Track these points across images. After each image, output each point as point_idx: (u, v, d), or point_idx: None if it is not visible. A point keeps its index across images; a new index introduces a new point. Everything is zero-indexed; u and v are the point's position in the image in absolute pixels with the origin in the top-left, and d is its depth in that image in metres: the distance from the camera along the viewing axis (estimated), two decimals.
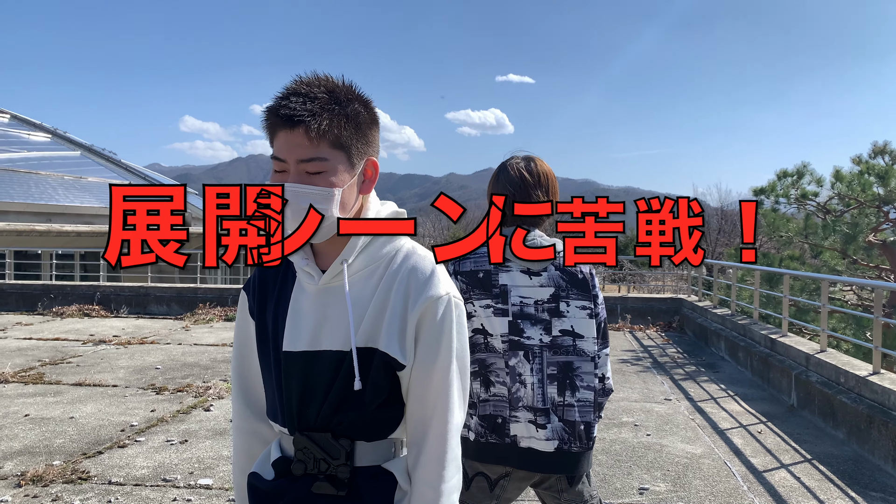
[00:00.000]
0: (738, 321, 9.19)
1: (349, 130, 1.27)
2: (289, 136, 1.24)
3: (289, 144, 1.25)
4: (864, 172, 12.92)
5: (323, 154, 1.25)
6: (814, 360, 6.45)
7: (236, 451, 1.52)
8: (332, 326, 1.32)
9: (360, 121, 1.29)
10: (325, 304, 1.33)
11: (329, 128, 1.24)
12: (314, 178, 1.25)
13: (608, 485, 4.40)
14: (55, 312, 13.28)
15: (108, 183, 20.76)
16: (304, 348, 1.33)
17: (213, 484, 4.35)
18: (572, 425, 2.05)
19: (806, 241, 13.32)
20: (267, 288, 1.43)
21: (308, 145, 1.24)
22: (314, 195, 1.25)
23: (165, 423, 5.71)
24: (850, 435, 5.39)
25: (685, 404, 6.59)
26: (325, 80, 1.28)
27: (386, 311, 1.31)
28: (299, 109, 1.22)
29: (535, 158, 2.22)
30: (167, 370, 7.90)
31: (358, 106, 1.29)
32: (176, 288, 14.17)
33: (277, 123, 1.25)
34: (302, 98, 1.24)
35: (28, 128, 32.77)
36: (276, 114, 1.25)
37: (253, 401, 1.49)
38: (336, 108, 1.25)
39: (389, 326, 1.30)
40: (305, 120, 1.22)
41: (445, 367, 1.32)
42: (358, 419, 1.31)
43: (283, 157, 1.26)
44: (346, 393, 1.30)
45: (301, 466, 1.32)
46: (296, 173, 1.25)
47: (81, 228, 21.75)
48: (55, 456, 4.84)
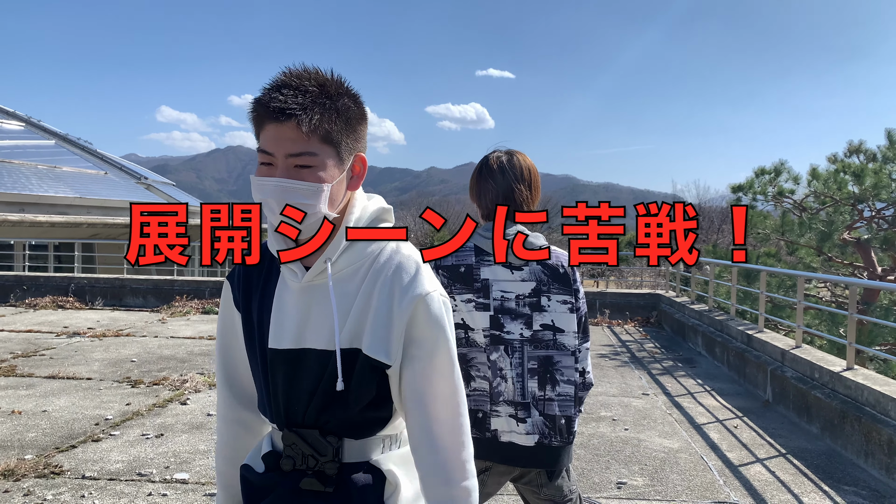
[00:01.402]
0: (716, 317, 9.28)
1: (339, 125, 1.24)
2: (278, 130, 1.21)
3: (278, 138, 1.22)
4: (840, 171, 13.12)
5: (313, 149, 1.22)
6: (789, 355, 6.54)
7: (220, 441, 1.50)
8: (316, 325, 1.30)
9: (349, 116, 1.26)
10: (309, 302, 1.31)
11: (320, 122, 1.21)
12: (303, 172, 1.23)
13: (586, 479, 4.42)
14: (28, 304, 13.06)
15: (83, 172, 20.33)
16: (289, 346, 1.31)
17: (190, 478, 4.30)
18: (552, 419, 2.05)
19: (782, 238, 13.50)
20: (251, 281, 1.41)
21: (298, 139, 1.21)
22: (302, 191, 1.22)
23: (141, 416, 5.64)
24: (823, 430, 5.47)
25: (663, 399, 6.65)
26: (316, 74, 1.25)
27: (370, 310, 1.29)
28: (290, 102, 1.19)
29: (517, 153, 2.21)
30: (143, 363, 7.81)
31: (347, 101, 1.27)
32: (152, 280, 14.01)
33: (266, 116, 1.22)
34: (293, 91, 1.21)
35: (1, 116, 32.16)
36: (265, 106, 1.21)
37: (238, 389, 1.47)
38: (327, 102, 1.23)
39: (374, 326, 1.28)
40: (297, 113, 1.19)
41: (446, 362, 1.31)
42: (344, 418, 1.30)
43: (271, 151, 1.23)
44: (331, 392, 1.28)
45: (290, 462, 1.30)
46: (284, 168, 1.22)
47: (56, 219, 21.39)
48: (27, 450, 4.75)
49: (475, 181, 2.22)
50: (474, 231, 2.17)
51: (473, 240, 2.12)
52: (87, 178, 27.26)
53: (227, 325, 1.46)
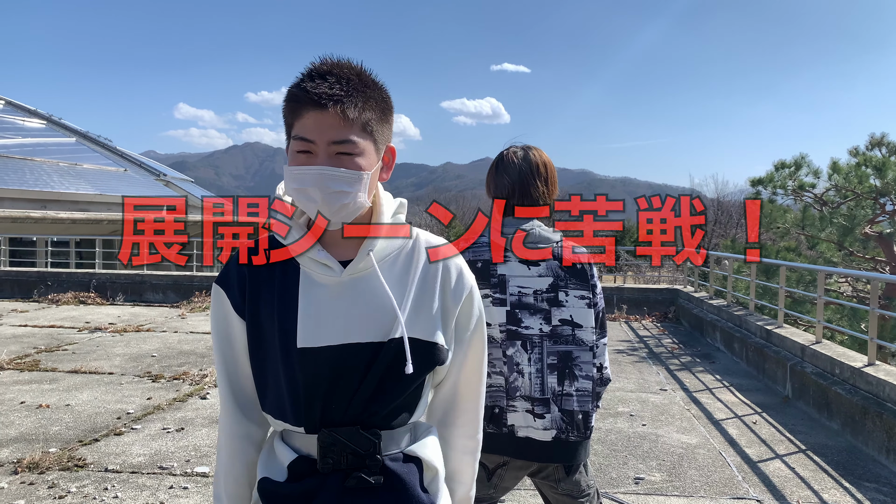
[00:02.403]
0: (734, 312, 9.21)
1: (376, 115, 1.26)
2: (320, 117, 1.21)
3: (320, 125, 1.21)
4: (862, 164, 12.93)
5: (355, 136, 1.23)
6: (809, 351, 6.48)
7: (227, 461, 1.39)
8: (364, 317, 1.28)
9: (384, 107, 1.28)
10: (353, 295, 1.29)
11: (363, 110, 1.23)
12: (343, 159, 1.23)
13: (604, 474, 4.42)
14: (51, 300, 13.25)
15: (103, 169, 20.55)
16: (331, 343, 1.27)
17: (210, 472, 4.35)
18: (570, 415, 2.06)
19: (803, 233, 13.34)
20: (260, 285, 1.33)
21: (341, 126, 1.21)
22: (345, 178, 1.23)
23: (162, 410, 5.72)
24: (844, 426, 5.42)
25: (680, 394, 6.62)
26: (351, 65, 1.26)
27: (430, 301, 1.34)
28: (336, 89, 1.20)
29: (533, 148, 2.21)
30: (163, 358, 7.90)
31: (381, 92, 1.29)
32: (172, 276, 14.15)
33: (307, 103, 1.21)
34: (335, 77, 1.21)
35: (23, 114, 32.57)
36: (306, 93, 1.20)
37: (243, 402, 1.39)
38: (367, 90, 1.24)
39: (427, 314, 1.33)
40: (343, 100, 1.20)
41: (480, 348, 1.44)
42: (387, 410, 1.31)
43: (313, 139, 1.22)
44: (379, 384, 1.28)
45: (329, 463, 1.27)
46: (325, 155, 1.22)
47: (77, 216, 21.67)
48: (51, 443, 4.83)
49: (491, 177, 2.22)
50: (489, 226, 2.18)
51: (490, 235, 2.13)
52: (107, 175, 27.57)
53: (225, 335, 1.37)
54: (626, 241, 23.94)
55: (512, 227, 2.11)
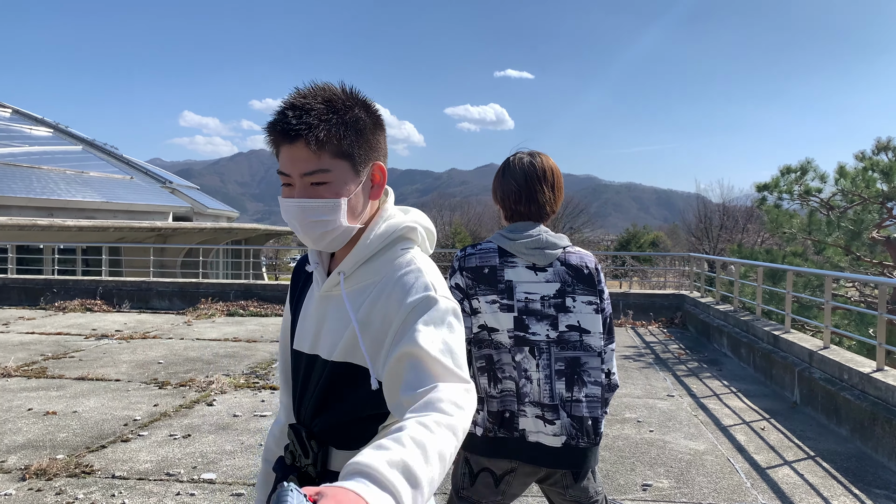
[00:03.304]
0: (741, 317, 9.18)
1: (350, 138, 1.27)
2: (290, 151, 1.26)
3: (291, 159, 1.26)
4: (868, 169, 12.89)
5: (325, 165, 1.25)
6: (817, 356, 6.45)
7: (276, 422, 1.57)
8: (326, 334, 1.36)
9: (360, 127, 1.29)
10: (325, 312, 1.38)
11: (328, 138, 1.24)
12: (319, 189, 1.27)
13: (611, 481, 4.40)
14: (57, 307, 13.30)
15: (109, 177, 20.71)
16: (307, 350, 1.40)
17: (217, 478, 4.35)
18: (580, 421, 2.05)
19: (809, 238, 13.30)
20: (298, 284, 1.53)
21: (309, 158, 1.25)
22: (320, 208, 1.27)
23: (168, 417, 5.72)
24: (853, 432, 5.39)
25: (688, 400, 6.59)
26: (323, 90, 1.28)
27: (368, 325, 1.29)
28: (296, 123, 1.23)
29: (539, 154, 2.22)
30: (170, 365, 7.91)
31: (358, 111, 1.29)
32: (178, 283, 14.18)
33: (278, 138, 1.27)
34: (298, 111, 1.24)
35: (30, 122, 32.77)
36: (274, 129, 1.26)
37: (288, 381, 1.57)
38: (334, 117, 1.25)
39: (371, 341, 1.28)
40: (303, 133, 1.23)
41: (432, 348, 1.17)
42: (332, 425, 1.35)
43: (288, 172, 1.27)
44: (324, 399, 1.35)
45: (289, 456, 1.39)
46: (301, 187, 1.27)
47: (83, 223, 21.76)
48: (59, 450, 4.84)
49: (498, 183, 2.22)
50: (498, 232, 2.18)
51: (497, 241, 2.13)
52: (113, 183, 27.70)
53: (284, 328, 1.56)
54: (631, 247, 23.92)
55: (519, 232, 2.11)
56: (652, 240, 50.76)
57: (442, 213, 50.29)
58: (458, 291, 2.09)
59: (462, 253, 2.16)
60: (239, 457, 4.75)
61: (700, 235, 38.12)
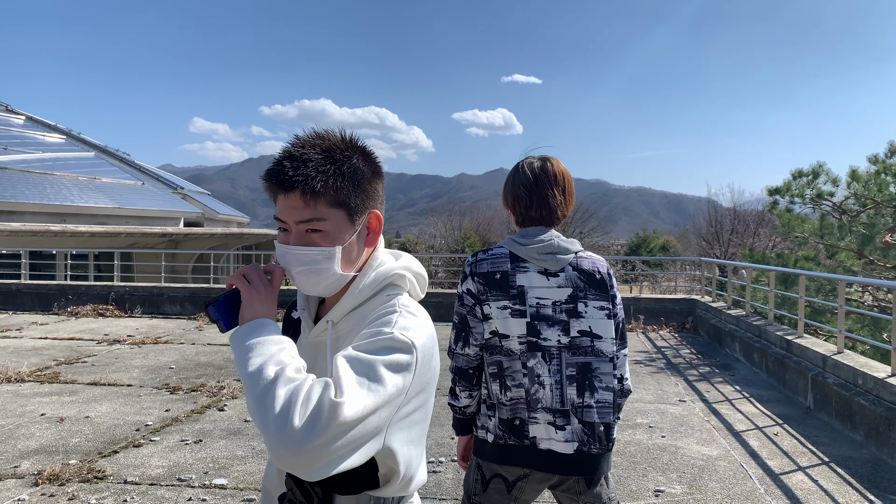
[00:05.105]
0: (753, 322, 9.12)
1: (347, 188, 1.28)
2: (286, 200, 1.27)
3: (286, 207, 1.28)
4: (881, 172, 12.78)
5: (320, 214, 1.27)
6: (830, 361, 6.39)
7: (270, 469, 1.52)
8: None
9: (357, 177, 1.30)
10: (314, 358, 1.37)
11: (324, 189, 1.26)
12: (314, 237, 1.28)
13: (623, 486, 4.37)
14: (70, 312, 13.38)
15: (121, 183, 20.90)
16: None
17: (228, 484, 4.36)
18: (591, 427, 2.04)
19: (821, 242, 13.20)
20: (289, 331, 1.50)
21: (304, 207, 1.26)
22: (314, 256, 1.28)
23: (180, 422, 5.74)
24: (868, 437, 5.33)
25: (700, 406, 6.55)
26: (322, 139, 1.29)
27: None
28: (292, 174, 1.25)
29: (550, 158, 2.21)
30: (181, 370, 7.94)
31: (356, 161, 1.30)
32: (189, 288, 14.25)
33: (275, 188, 1.28)
34: (296, 162, 1.26)
35: (43, 129, 33.07)
36: (271, 179, 1.28)
37: None
38: (331, 168, 1.26)
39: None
40: (299, 184, 1.25)
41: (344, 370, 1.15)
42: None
43: (284, 219, 1.29)
44: None
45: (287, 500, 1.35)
46: (296, 234, 1.29)
47: (96, 229, 21.91)
48: (71, 455, 4.87)
49: (508, 187, 2.22)
50: (509, 237, 2.17)
51: (508, 246, 2.12)
52: (125, 189, 27.89)
53: None
54: (641, 251, 23.83)
55: (530, 237, 2.10)
56: (662, 244, 50.53)
57: (452, 218, 50.27)
58: (470, 297, 2.09)
59: (473, 258, 2.16)
60: (250, 462, 4.76)
61: (711, 240, 37.92)
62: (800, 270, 9.76)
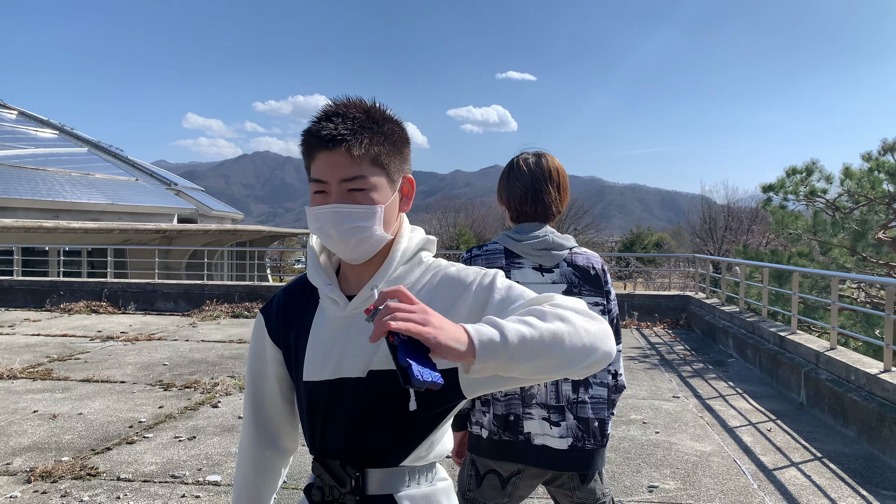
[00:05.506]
0: (747, 318, 9.15)
1: (387, 148, 1.28)
2: (329, 157, 1.24)
3: (330, 164, 1.25)
4: (874, 169, 12.83)
5: (364, 172, 1.25)
6: (823, 357, 6.42)
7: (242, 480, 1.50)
8: (353, 354, 1.30)
9: (395, 139, 1.30)
10: (348, 331, 1.31)
11: (370, 146, 1.25)
12: (356, 195, 1.26)
13: (617, 482, 4.38)
14: (63, 309, 13.33)
15: (115, 179, 20.78)
16: (326, 377, 1.31)
17: (222, 480, 4.35)
18: (586, 422, 2.04)
19: (815, 238, 13.25)
20: (291, 314, 1.42)
21: (349, 164, 1.24)
22: (358, 213, 1.25)
23: (173, 419, 5.72)
24: (860, 433, 5.36)
25: (694, 402, 6.57)
26: (359, 102, 1.29)
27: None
28: (340, 129, 1.23)
29: (545, 154, 2.21)
30: (175, 366, 7.92)
31: (392, 125, 1.30)
32: (183, 285, 14.21)
33: (318, 145, 1.25)
34: (341, 118, 1.25)
35: (35, 124, 32.90)
36: (316, 135, 1.25)
37: (265, 429, 1.48)
38: (374, 126, 1.26)
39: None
40: (347, 139, 1.23)
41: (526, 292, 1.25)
42: (370, 447, 1.29)
43: (325, 178, 1.25)
44: (360, 417, 1.29)
45: (319, 493, 1.31)
46: (338, 193, 1.25)
47: (89, 225, 21.82)
48: (64, 452, 4.85)
49: (503, 183, 2.21)
50: (503, 233, 2.17)
51: (503, 242, 2.12)
52: (118, 185, 27.78)
53: (259, 362, 1.46)
54: (636, 248, 23.88)
55: (525, 233, 2.10)
56: (656, 241, 50.63)
57: (447, 215, 50.28)
58: None
59: (468, 254, 2.15)
60: None
61: (704, 237, 38.03)
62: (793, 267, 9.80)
